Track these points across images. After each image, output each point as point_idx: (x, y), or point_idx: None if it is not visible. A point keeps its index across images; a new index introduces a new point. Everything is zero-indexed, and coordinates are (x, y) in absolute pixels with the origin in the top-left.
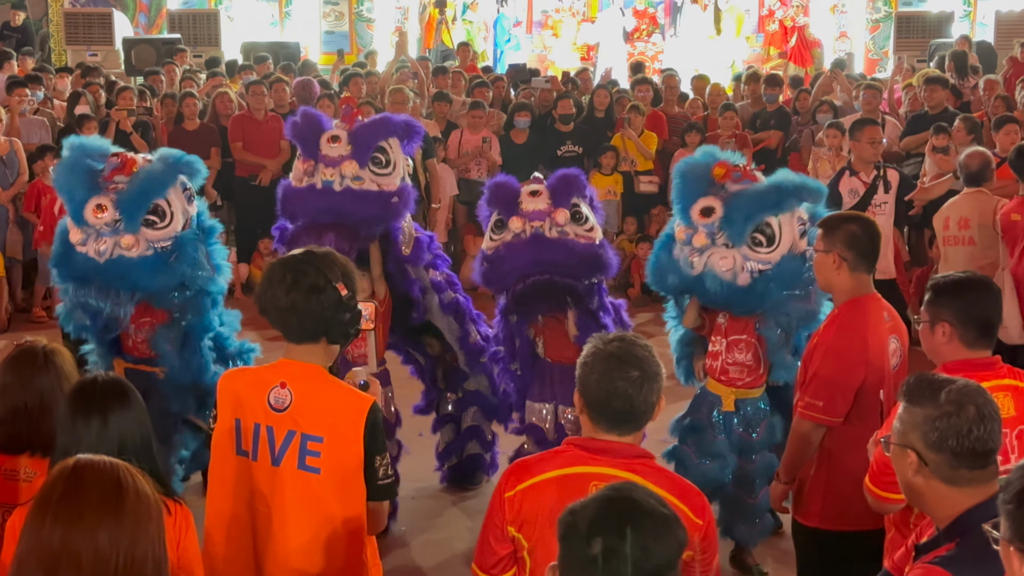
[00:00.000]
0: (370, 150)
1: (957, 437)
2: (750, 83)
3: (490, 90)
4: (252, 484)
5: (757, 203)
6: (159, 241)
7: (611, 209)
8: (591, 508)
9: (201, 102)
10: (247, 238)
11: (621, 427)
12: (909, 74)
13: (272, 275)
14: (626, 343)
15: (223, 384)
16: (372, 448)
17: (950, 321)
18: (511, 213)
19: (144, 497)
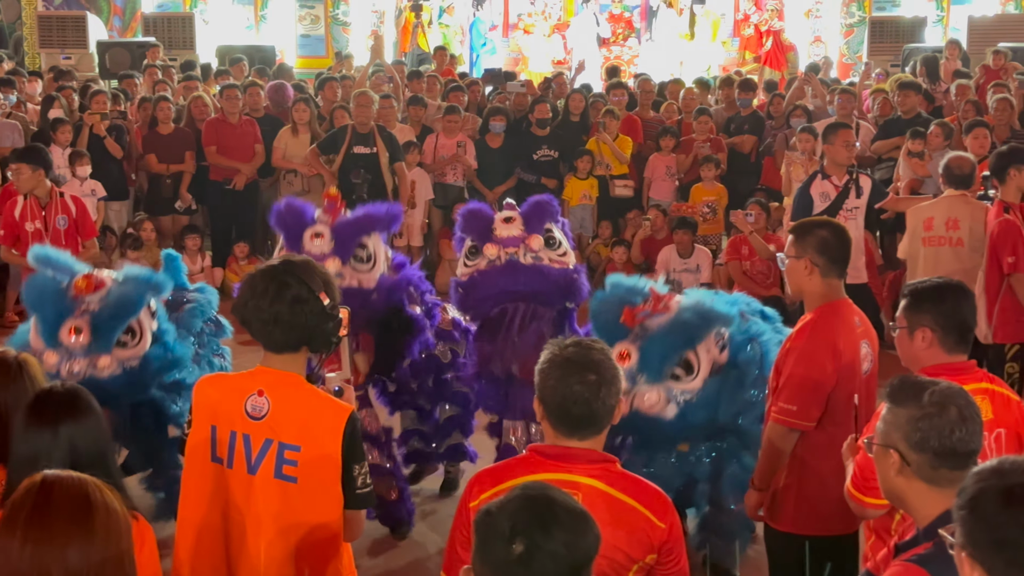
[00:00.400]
0: (352, 246)
1: (939, 438)
2: (724, 87)
3: (465, 94)
4: (227, 492)
5: (672, 344)
6: (128, 360)
7: (586, 213)
8: (510, 508)
9: (175, 106)
10: (221, 242)
11: (581, 432)
12: (882, 79)
13: (253, 286)
14: (582, 348)
15: (199, 390)
16: (350, 457)
17: (931, 327)
18: (485, 239)
19: (113, 513)
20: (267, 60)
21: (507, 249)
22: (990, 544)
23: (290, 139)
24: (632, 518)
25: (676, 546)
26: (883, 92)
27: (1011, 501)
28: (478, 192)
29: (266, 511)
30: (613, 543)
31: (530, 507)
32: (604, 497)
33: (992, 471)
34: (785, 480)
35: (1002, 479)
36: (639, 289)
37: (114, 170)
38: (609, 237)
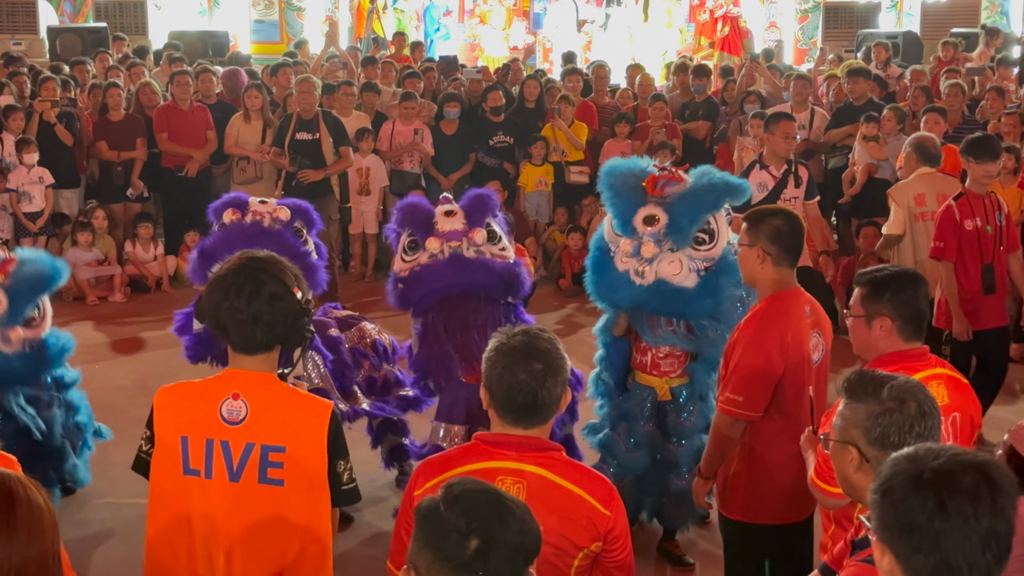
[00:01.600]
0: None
1: (899, 433)
2: (679, 73)
3: (421, 81)
4: (207, 504)
5: (699, 205)
6: (32, 340)
7: (542, 200)
8: (462, 503)
9: (125, 92)
10: (174, 230)
11: (526, 420)
12: (835, 64)
13: (226, 286)
14: (529, 336)
15: (161, 401)
16: (335, 454)
17: (890, 316)
18: (427, 234)
19: (37, 509)
20: (220, 46)
21: (450, 243)
22: (898, 528)
23: (242, 125)
24: (577, 506)
25: (622, 534)
26: (836, 78)
27: (919, 486)
28: (434, 179)
29: (253, 519)
30: (559, 531)
31: (481, 499)
32: (550, 485)
33: (906, 457)
34: (735, 468)
35: (913, 464)
36: (643, 164)
37: (65, 157)
38: (565, 223)
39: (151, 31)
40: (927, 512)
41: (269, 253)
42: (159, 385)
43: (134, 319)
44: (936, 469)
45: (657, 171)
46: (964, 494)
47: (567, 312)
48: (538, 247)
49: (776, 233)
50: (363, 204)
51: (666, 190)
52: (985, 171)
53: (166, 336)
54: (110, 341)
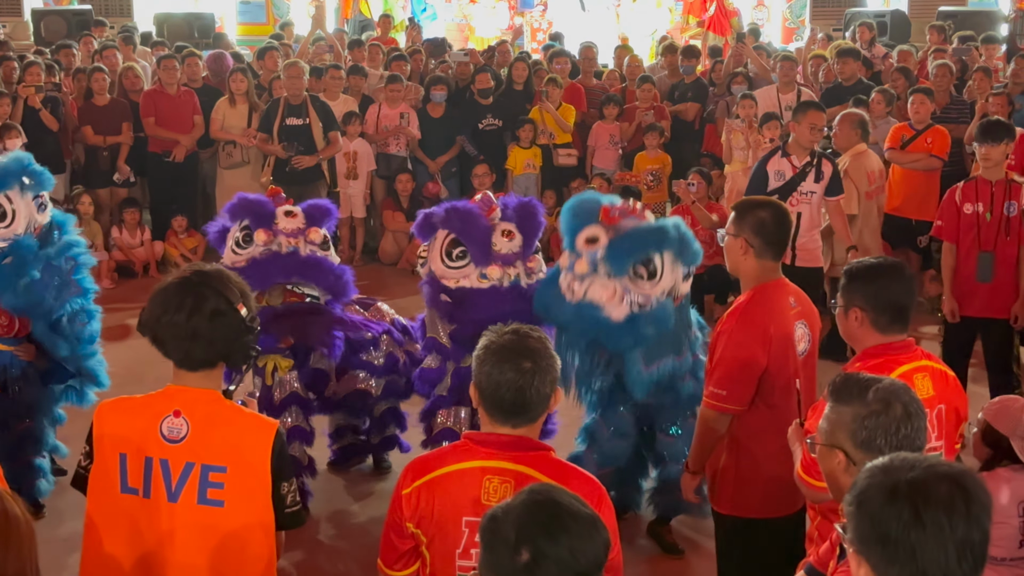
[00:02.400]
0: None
1: (886, 436)
2: (667, 54)
3: (408, 63)
4: (144, 524)
5: (644, 239)
6: (3, 239)
7: (530, 182)
8: (515, 514)
9: (110, 77)
10: (161, 215)
11: (514, 419)
12: (824, 44)
13: (166, 300)
14: (519, 335)
15: (101, 416)
16: (279, 475)
17: (862, 306)
18: (485, 256)
19: (13, 519)
20: (206, 27)
21: (508, 270)
22: (874, 540)
23: (228, 110)
24: None
25: (611, 533)
26: (823, 58)
27: (894, 497)
28: (421, 162)
29: (192, 540)
30: None
31: (536, 512)
32: None
33: (882, 467)
34: (723, 462)
35: (888, 475)
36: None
37: (50, 143)
38: (553, 206)
39: (136, 13)
40: (903, 523)
41: (217, 267)
42: (147, 373)
43: (121, 305)
44: (911, 480)
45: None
46: (939, 504)
47: None
48: None
49: (760, 224)
50: (350, 188)
51: (621, 220)
52: (984, 154)
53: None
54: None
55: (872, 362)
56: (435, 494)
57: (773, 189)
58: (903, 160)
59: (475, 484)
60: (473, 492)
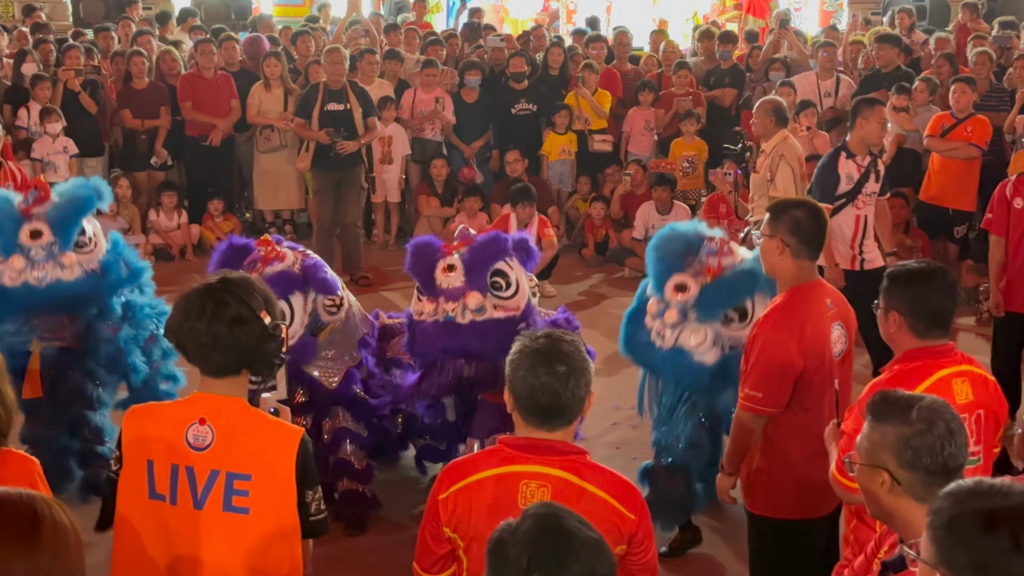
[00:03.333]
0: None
1: (931, 455)
2: (703, 40)
3: (443, 48)
4: (171, 530)
5: (734, 289)
6: (88, 263)
7: (565, 168)
8: (525, 540)
9: (149, 60)
10: (198, 199)
11: (550, 423)
12: (863, 29)
13: (188, 306)
14: (552, 339)
15: (129, 423)
16: (304, 483)
17: (900, 310)
18: (428, 287)
19: (62, 528)
20: (243, 9)
21: (445, 306)
22: (970, 567)
23: (263, 94)
24: (601, 509)
25: (645, 537)
26: (861, 44)
27: (991, 526)
28: (455, 147)
29: (218, 548)
30: None
31: (545, 540)
32: (574, 489)
33: (969, 493)
34: (757, 463)
35: (980, 502)
36: (701, 232)
37: (89, 126)
38: (588, 192)
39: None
40: (1002, 553)
41: (242, 274)
42: (182, 360)
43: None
44: (1009, 509)
45: (712, 250)
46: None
47: (591, 283)
48: (561, 216)
49: (796, 225)
50: (385, 173)
51: (722, 264)
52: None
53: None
54: None
55: (910, 365)
56: (472, 499)
57: (843, 192)
58: (942, 148)
59: (512, 489)
60: (510, 497)
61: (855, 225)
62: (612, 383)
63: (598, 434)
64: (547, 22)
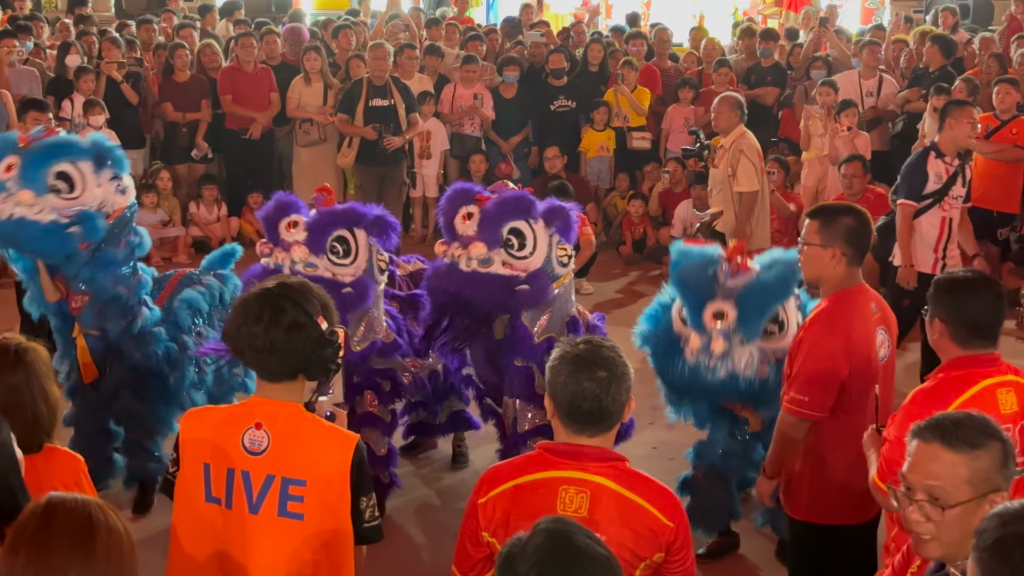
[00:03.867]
0: (326, 238)
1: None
2: (744, 37)
3: (483, 43)
4: (226, 534)
5: (768, 297)
6: (64, 211)
7: (603, 165)
8: (534, 557)
9: (191, 53)
10: (237, 192)
11: (591, 429)
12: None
13: (246, 311)
14: (592, 345)
15: (186, 426)
16: (359, 489)
17: (942, 318)
18: (448, 233)
19: (116, 534)
20: (283, 2)
21: (453, 251)
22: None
23: (303, 88)
24: (640, 516)
25: (684, 545)
26: (904, 42)
27: None
28: (494, 143)
29: (272, 553)
30: (620, 541)
31: (555, 556)
32: (613, 495)
33: (1016, 515)
34: (799, 468)
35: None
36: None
37: (130, 118)
38: (626, 189)
39: None
40: None
41: (301, 280)
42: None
43: None
44: None
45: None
46: None
47: (628, 280)
48: (599, 213)
49: (852, 233)
50: (424, 168)
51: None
52: None
53: None
54: None
55: (954, 374)
56: (511, 504)
57: (929, 192)
58: (986, 150)
59: (551, 495)
60: (549, 502)
61: (940, 227)
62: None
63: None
64: (586, 18)
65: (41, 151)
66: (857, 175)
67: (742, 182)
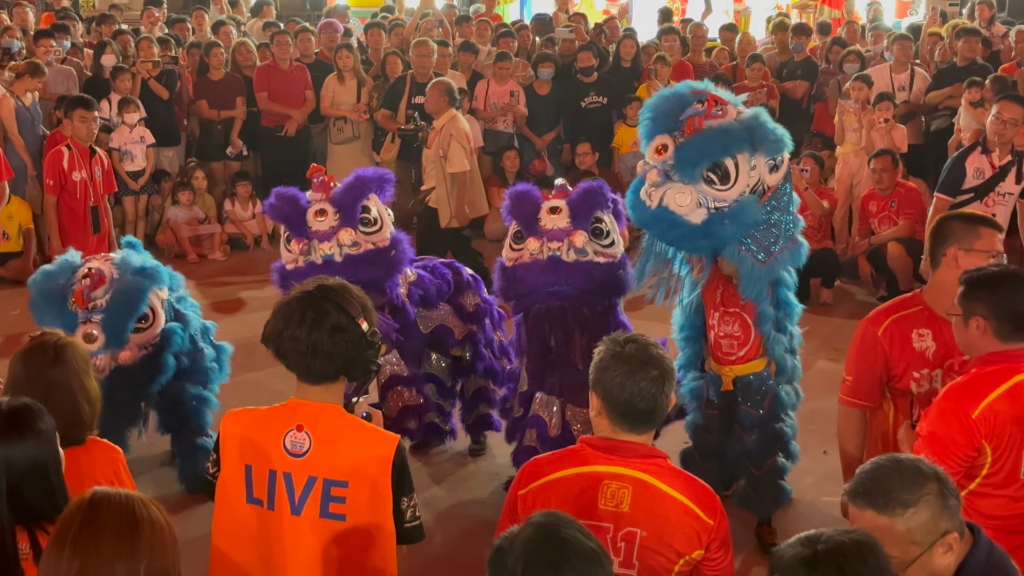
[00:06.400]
0: (357, 212)
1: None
2: (777, 32)
3: (515, 39)
4: (268, 535)
5: (707, 147)
6: (148, 341)
7: (637, 161)
8: (520, 549)
9: (226, 51)
10: (272, 188)
11: (641, 427)
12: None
13: (289, 314)
14: (640, 344)
15: (227, 427)
16: (400, 489)
17: (984, 315)
18: (531, 229)
19: (159, 527)
20: (318, 1)
21: (550, 244)
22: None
23: (337, 86)
24: (681, 513)
25: (724, 543)
26: (938, 36)
27: (813, 568)
28: (527, 139)
29: (314, 553)
30: (661, 537)
31: (542, 548)
32: (654, 491)
33: (800, 540)
34: None
35: (803, 548)
36: (700, 88)
37: (165, 115)
38: None
39: None
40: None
41: (340, 281)
42: (258, 347)
43: (233, 278)
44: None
45: (702, 104)
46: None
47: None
48: None
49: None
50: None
51: (706, 126)
52: None
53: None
54: (210, 302)
55: (987, 369)
56: (551, 497)
57: (969, 187)
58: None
59: (592, 488)
60: (590, 496)
61: None
62: None
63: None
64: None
65: (118, 315)
66: (887, 169)
67: (453, 163)
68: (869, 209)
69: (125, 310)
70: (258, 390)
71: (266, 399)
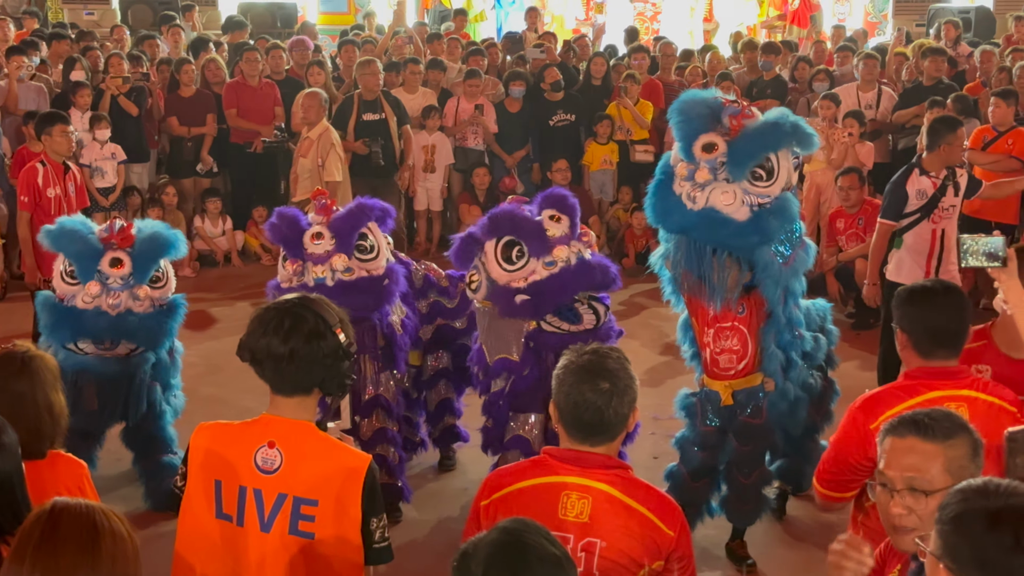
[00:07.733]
0: (353, 239)
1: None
2: (746, 51)
3: (485, 58)
4: (236, 551)
5: (760, 141)
6: (159, 300)
7: (606, 178)
8: (483, 553)
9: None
10: (242, 205)
11: (592, 439)
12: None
13: (265, 321)
14: (599, 355)
15: (197, 440)
16: (369, 510)
17: (904, 328)
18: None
19: (120, 539)
20: (288, 16)
21: (572, 248)
22: (973, 562)
23: None
24: (641, 524)
25: (685, 554)
26: (904, 56)
27: (995, 524)
28: (498, 156)
29: (282, 571)
30: (621, 547)
31: (503, 553)
32: (615, 502)
33: (977, 491)
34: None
35: (987, 500)
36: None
37: (133, 130)
38: (629, 202)
39: (221, 1)
40: (1004, 549)
41: (318, 295)
42: (226, 364)
43: (203, 295)
44: (1014, 507)
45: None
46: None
47: (631, 293)
48: (602, 226)
49: None
50: (428, 181)
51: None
52: None
53: (234, 313)
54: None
55: (905, 382)
56: (513, 508)
57: (915, 209)
58: (982, 161)
59: (553, 499)
60: (551, 507)
61: (931, 240)
62: (652, 394)
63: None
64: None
65: (148, 251)
66: (854, 187)
67: (331, 171)
68: (836, 226)
69: (156, 246)
70: (226, 407)
71: (234, 415)
